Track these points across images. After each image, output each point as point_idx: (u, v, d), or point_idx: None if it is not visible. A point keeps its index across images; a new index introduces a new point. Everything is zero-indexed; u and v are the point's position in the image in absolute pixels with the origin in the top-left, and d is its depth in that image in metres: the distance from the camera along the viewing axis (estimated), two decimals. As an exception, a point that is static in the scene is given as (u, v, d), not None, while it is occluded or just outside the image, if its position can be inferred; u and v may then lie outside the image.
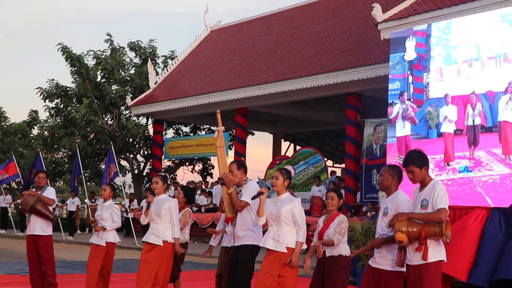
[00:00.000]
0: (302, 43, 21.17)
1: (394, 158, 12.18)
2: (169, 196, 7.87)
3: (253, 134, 29.44)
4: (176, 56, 27.72)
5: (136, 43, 27.58)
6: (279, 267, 6.19)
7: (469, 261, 9.43)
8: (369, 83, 17.14)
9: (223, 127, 7.03)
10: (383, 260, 5.57)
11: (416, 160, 5.31)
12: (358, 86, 17.68)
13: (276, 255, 6.21)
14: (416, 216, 5.20)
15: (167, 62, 28.28)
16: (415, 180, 5.32)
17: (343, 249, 6.50)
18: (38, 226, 8.72)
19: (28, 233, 8.84)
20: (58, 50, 25.69)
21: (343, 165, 25.02)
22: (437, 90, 11.71)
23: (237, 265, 6.61)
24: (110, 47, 26.91)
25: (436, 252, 5.20)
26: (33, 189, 9.25)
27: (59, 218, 19.98)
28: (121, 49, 27.14)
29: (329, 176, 20.84)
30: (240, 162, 6.90)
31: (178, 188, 8.43)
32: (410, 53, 12.28)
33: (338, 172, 26.61)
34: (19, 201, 27.27)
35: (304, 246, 6.35)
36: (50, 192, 8.85)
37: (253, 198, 6.43)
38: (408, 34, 12.41)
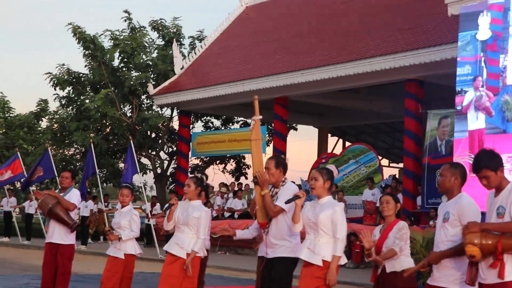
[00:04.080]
0: (352, 21, 21.00)
1: (463, 156, 11.99)
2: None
3: (296, 129, 29.36)
4: (205, 37, 27.80)
5: (159, 21, 27.74)
6: (313, 283, 6.12)
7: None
8: (433, 68, 16.93)
9: (261, 116, 6.97)
10: (444, 277, 5.47)
11: (490, 163, 5.19)
12: (419, 72, 17.49)
13: (310, 269, 6.17)
14: (490, 227, 5.08)
15: (195, 44, 28.37)
16: (491, 186, 5.22)
17: (407, 263, 6.44)
18: (57, 233, 8.81)
19: (47, 240, 8.94)
20: (68, 30, 26.03)
21: (401, 165, 24.79)
22: (517, 75, 11.47)
23: (271, 281, 6.57)
24: (129, 26, 27.11)
25: (515, 269, 5.07)
26: (56, 190, 9.36)
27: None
28: (142, 28, 27.32)
29: (384, 178, 20.68)
30: (279, 159, 6.83)
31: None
32: (484, 32, 12.05)
33: (395, 173, 26.36)
34: (25, 204, 27.60)
35: (343, 261, 6.25)
36: (73, 195, 8.89)
37: (288, 202, 6.36)
38: (481, 9, 12.18)
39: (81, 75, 27.20)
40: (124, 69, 26.56)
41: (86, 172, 21.18)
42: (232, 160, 29.13)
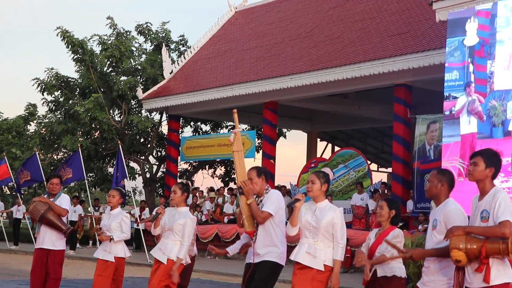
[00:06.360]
0: (342, 26, 21.08)
1: (451, 161, 12.07)
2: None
3: (285, 136, 29.39)
4: (187, 40, 27.96)
5: (145, 26, 27.72)
6: (314, 286, 6.17)
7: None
8: (421, 73, 17.01)
9: (241, 129, 7.16)
10: (432, 281, 5.52)
11: (487, 156, 5.26)
12: (408, 77, 17.56)
13: (309, 273, 6.20)
14: (474, 230, 5.11)
15: (179, 48, 28.44)
16: (474, 176, 5.24)
17: (398, 269, 6.49)
18: (49, 239, 8.79)
19: (37, 246, 8.92)
20: (57, 35, 25.95)
21: (389, 170, 24.87)
22: (504, 80, 11.58)
23: (253, 283, 6.63)
24: (114, 31, 27.06)
25: (501, 273, 5.10)
26: (45, 195, 9.35)
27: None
28: (127, 33, 27.29)
29: (373, 183, 20.74)
30: (260, 169, 6.93)
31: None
32: (471, 37, 12.15)
33: (384, 178, 26.47)
34: (13, 208, 27.44)
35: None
36: (63, 201, 8.88)
37: (289, 205, 6.44)
38: (469, 15, 12.28)
39: (69, 79, 27.17)
40: (112, 73, 26.54)
41: (74, 176, 21.01)
42: (221, 165, 29.13)
